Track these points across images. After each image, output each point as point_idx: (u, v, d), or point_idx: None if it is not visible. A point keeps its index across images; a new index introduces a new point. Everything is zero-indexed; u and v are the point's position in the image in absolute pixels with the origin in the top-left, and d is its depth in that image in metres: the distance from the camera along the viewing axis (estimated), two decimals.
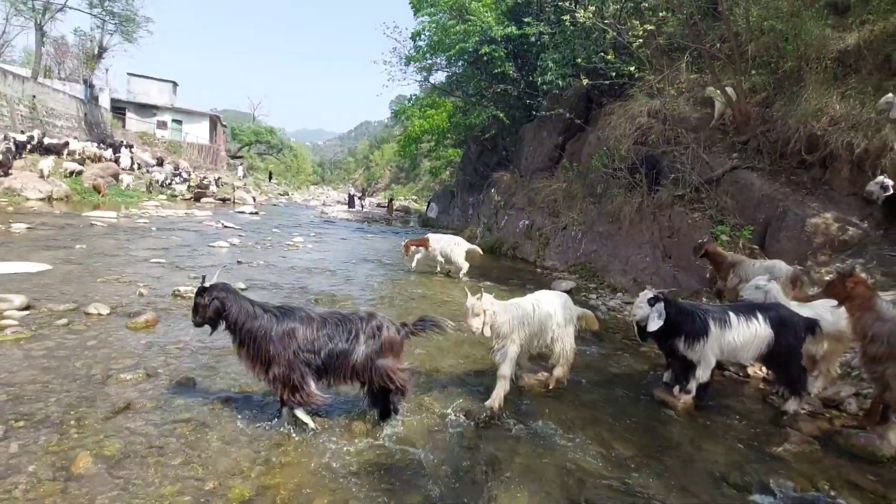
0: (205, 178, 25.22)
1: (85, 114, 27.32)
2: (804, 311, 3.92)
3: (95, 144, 21.41)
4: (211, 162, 33.81)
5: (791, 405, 3.80)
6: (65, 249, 7.75)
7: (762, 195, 7.01)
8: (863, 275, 3.84)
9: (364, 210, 30.37)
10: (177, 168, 24.41)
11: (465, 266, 8.72)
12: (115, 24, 31.48)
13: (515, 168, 15.63)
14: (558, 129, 13.49)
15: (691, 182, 7.81)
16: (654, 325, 3.65)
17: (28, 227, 9.51)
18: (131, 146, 24.14)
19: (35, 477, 2.26)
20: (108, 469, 2.37)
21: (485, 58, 15.14)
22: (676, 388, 3.94)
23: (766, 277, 4.36)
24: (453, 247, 8.81)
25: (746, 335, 3.65)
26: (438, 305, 6.52)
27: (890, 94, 6.45)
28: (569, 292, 8.26)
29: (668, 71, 9.33)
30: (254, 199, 24.99)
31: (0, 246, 7.57)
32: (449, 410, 3.42)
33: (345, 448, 2.80)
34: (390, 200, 30.85)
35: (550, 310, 3.79)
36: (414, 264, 9.10)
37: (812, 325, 3.74)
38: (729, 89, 7.87)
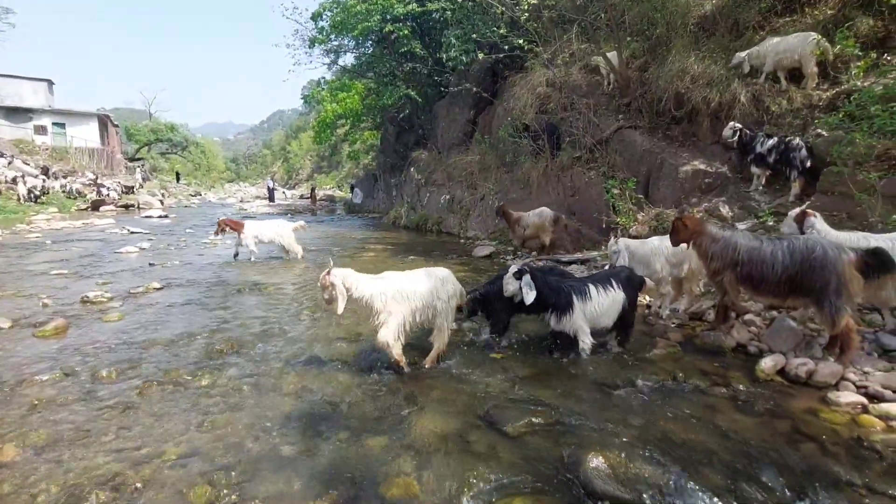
0: (99, 182, 23.15)
1: None
2: (650, 244, 4.74)
3: None
4: (106, 166, 30.89)
5: (616, 349, 4.12)
6: None
7: (643, 150, 7.90)
8: (688, 212, 4.61)
9: (286, 202, 29.45)
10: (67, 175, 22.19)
11: (299, 249, 8.46)
12: None
13: (433, 145, 16.00)
14: (469, 104, 13.98)
15: (586, 144, 8.59)
16: (530, 296, 3.77)
17: None
18: (9, 156, 21.51)
19: None
20: (36, 454, 2.46)
21: (391, 36, 15.19)
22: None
23: (613, 240, 4.93)
24: (282, 231, 8.38)
25: (606, 303, 3.89)
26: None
27: (740, 53, 7.49)
28: (488, 256, 8.88)
29: (560, 42, 10.03)
30: (161, 202, 23.35)
31: None
32: (374, 366, 3.74)
33: (276, 403, 3.05)
34: (312, 190, 30.12)
35: (431, 285, 3.70)
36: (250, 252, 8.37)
37: (643, 282, 4.20)
38: (611, 56, 8.66)
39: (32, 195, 18.54)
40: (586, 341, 3.91)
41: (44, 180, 20.18)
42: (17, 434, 2.63)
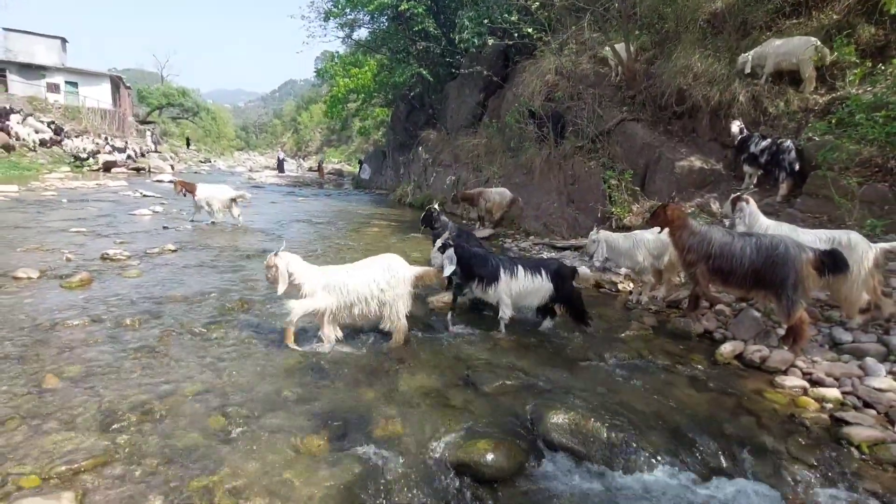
0: (113, 146, 23.46)
1: None
2: (635, 237, 5.04)
3: None
4: (117, 128, 31.15)
5: (547, 324, 4.42)
6: None
7: (643, 143, 8.12)
8: (674, 203, 4.88)
9: (294, 174, 29.70)
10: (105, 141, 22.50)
11: (236, 212, 8.83)
12: None
13: (442, 126, 16.15)
14: (479, 86, 14.08)
15: (589, 134, 8.80)
16: (449, 269, 4.02)
17: None
18: (17, 111, 21.76)
19: (11, 393, 2.72)
20: (73, 384, 2.87)
21: (406, 13, 15.20)
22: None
23: (595, 231, 5.26)
24: (217, 194, 8.85)
25: (531, 287, 4.17)
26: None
27: (745, 54, 7.63)
28: (487, 238, 9.19)
29: (572, 30, 10.13)
30: (171, 167, 23.69)
31: None
32: (370, 330, 4.11)
33: (281, 356, 3.44)
34: (320, 164, 30.32)
35: (369, 276, 3.71)
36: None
37: (575, 272, 4.39)
38: (619, 48, 8.80)
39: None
40: (507, 313, 4.19)
41: (52, 137, 20.51)
42: (56, 367, 3.04)
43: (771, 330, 4.18)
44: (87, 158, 20.02)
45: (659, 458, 2.68)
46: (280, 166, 30.02)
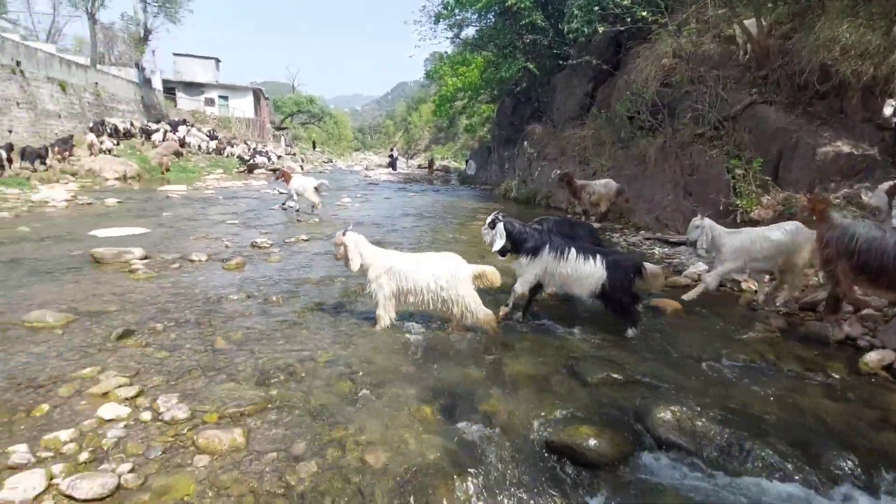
0: (256, 149, 26.85)
1: (142, 96, 29.33)
2: (754, 234, 4.59)
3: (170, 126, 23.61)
4: (258, 135, 35.56)
5: (631, 332, 4.00)
6: (154, 217, 9.20)
7: (776, 128, 7.28)
8: (823, 195, 4.35)
9: (405, 171, 31.29)
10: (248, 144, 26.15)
11: (318, 199, 9.94)
12: (158, 5, 33.03)
13: (548, 119, 15.91)
14: (588, 76, 13.63)
15: (710, 120, 8.11)
16: (499, 244, 3.98)
17: (118, 202, 11.12)
18: (191, 124, 25.98)
19: (192, 350, 3.42)
20: (236, 346, 3.51)
21: (513, 8, 15.21)
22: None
23: (699, 217, 4.79)
24: (306, 184, 10.04)
25: (581, 272, 3.91)
26: (470, 246, 7.42)
27: None
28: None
29: (692, 9, 9.36)
30: (301, 167, 26.41)
31: (105, 216, 9.11)
32: None
33: (396, 334, 3.82)
34: (430, 161, 31.54)
35: (429, 271, 3.78)
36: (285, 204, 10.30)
37: (639, 268, 4.01)
38: (749, 23, 7.95)
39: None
40: (518, 289, 4.08)
41: (217, 145, 24.13)
42: (223, 332, 3.73)
43: None
44: (249, 160, 23.27)
45: (777, 465, 2.51)
46: (393, 164, 31.83)
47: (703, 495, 2.33)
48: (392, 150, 37.99)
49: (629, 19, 9.99)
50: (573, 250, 3.95)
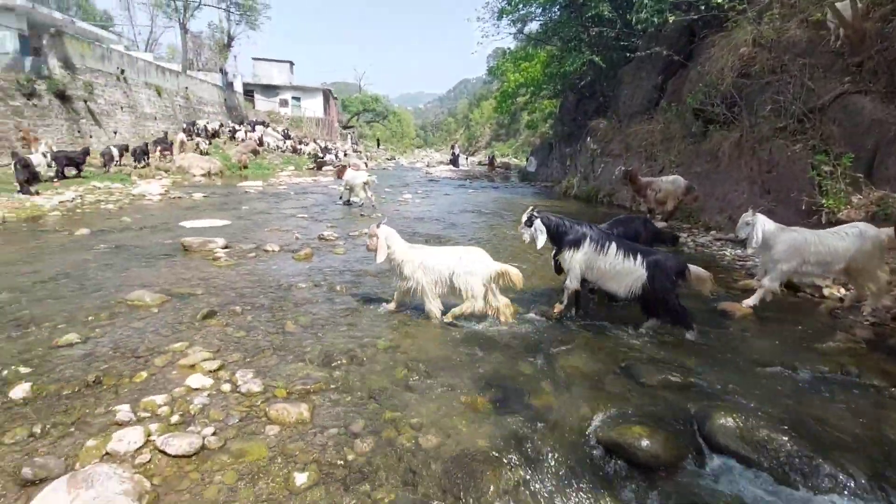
0: (326, 147, 28.16)
1: (224, 99, 31.67)
2: (811, 236, 4.23)
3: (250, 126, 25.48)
4: (326, 133, 37.20)
5: (690, 335, 3.85)
6: (234, 210, 9.97)
7: (872, 120, 6.59)
8: None
9: (466, 168, 31.44)
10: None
11: (363, 194, 10.71)
12: (240, 14, 35.44)
13: (613, 114, 15.39)
14: (657, 68, 13.04)
15: (794, 112, 7.49)
16: (542, 240, 3.97)
17: (203, 196, 12.14)
18: (267, 124, 27.80)
19: (265, 331, 3.73)
20: (303, 329, 3.78)
21: (579, 0, 14.84)
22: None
23: (750, 213, 4.47)
24: (356, 177, 10.91)
25: (619, 268, 3.81)
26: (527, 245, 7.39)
27: None
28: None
29: None
30: (366, 164, 27.34)
31: (192, 209, 10.01)
32: (530, 313, 4.36)
33: (452, 329, 3.94)
34: (491, 158, 31.48)
35: (449, 263, 3.93)
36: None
37: (682, 270, 3.81)
38: (842, 6, 7.25)
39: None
40: (569, 284, 4.01)
41: (292, 144, 25.62)
42: (293, 317, 4.03)
43: None
44: (323, 157, 24.57)
45: (852, 483, 2.35)
46: (455, 161, 32.09)
47: None
48: (454, 147, 38.30)
49: (703, 7, 9.43)
50: (614, 244, 3.86)
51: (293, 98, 38.05)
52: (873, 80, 6.91)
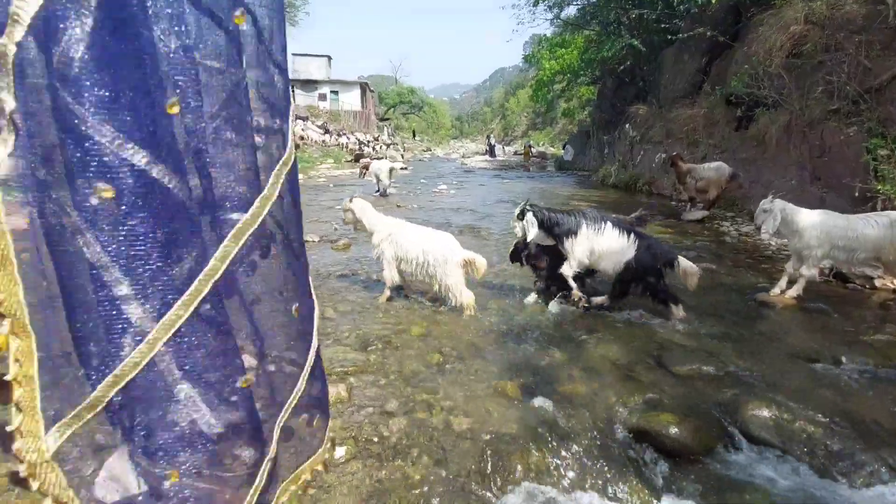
0: (363, 141, 28.66)
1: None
2: (840, 220, 4.11)
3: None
4: (364, 126, 37.74)
5: (677, 312, 3.94)
6: None
7: None
8: None
9: (502, 158, 31.23)
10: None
11: (387, 182, 11.41)
12: None
13: (653, 99, 14.90)
14: (701, 50, 12.50)
15: (849, 94, 7.06)
16: (532, 232, 4.01)
17: None
18: (307, 118, 28.50)
19: None
20: (342, 316, 3.97)
21: None
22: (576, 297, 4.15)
23: (769, 199, 4.34)
24: (381, 166, 11.47)
25: (614, 247, 3.89)
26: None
27: None
28: (700, 221, 8.35)
29: None
30: (402, 156, 27.65)
31: None
32: (561, 301, 4.37)
33: (483, 316, 4.03)
34: (527, 147, 31.12)
35: (420, 245, 4.04)
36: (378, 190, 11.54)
37: (672, 259, 3.91)
38: None
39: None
40: (567, 271, 4.02)
41: (333, 139, 26.19)
42: (332, 304, 4.23)
43: None
44: (361, 150, 25.11)
45: (889, 475, 2.29)
46: (491, 151, 31.91)
47: (794, 496, 2.23)
48: (489, 137, 38.04)
49: None
50: (609, 223, 3.97)
51: (331, 92, 38.70)
52: None
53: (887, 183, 5.98)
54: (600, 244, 3.95)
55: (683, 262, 3.92)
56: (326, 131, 27.88)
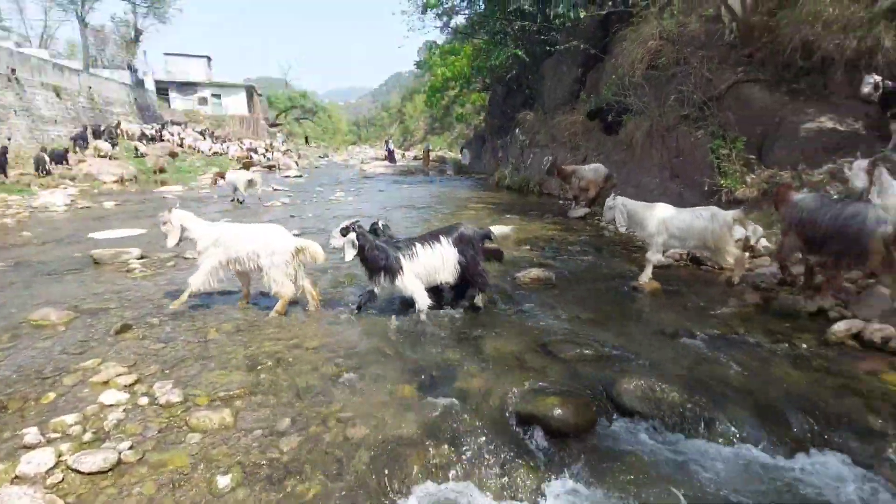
0: (249, 147, 26.95)
1: (135, 98, 29.35)
2: (674, 212, 4.80)
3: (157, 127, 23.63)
4: (252, 132, 35.55)
5: (479, 300, 4.22)
6: (151, 218, 9.33)
7: (760, 107, 7.36)
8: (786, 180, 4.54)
9: (402, 164, 31.29)
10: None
11: (245, 193, 11.34)
12: (147, 5, 32.92)
13: (539, 106, 15.94)
14: (576, 62, 13.65)
15: (695, 101, 8.18)
16: (349, 255, 3.82)
17: (116, 204, 11.30)
18: (181, 123, 26.09)
19: (185, 341, 3.59)
20: (228, 337, 3.68)
21: None
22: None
23: (612, 197, 5.05)
24: (238, 177, 11.50)
25: (436, 260, 3.98)
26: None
27: None
28: (583, 218, 9.08)
29: None
30: (296, 163, 26.50)
31: (101, 219, 9.29)
32: (459, 303, 4.48)
33: (382, 321, 3.98)
34: (426, 152, 31.53)
35: (250, 240, 4.07)
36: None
37: (486, 234, 4.23)
38: (733, 1, 7.99)
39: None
40: (422, 304, 3.92)
41: (212, 145, 24.17)
42: (216, 325, 3.90)
43: None
44: (250, 157, 23.43)
45: (740, 430, 2.65)
46: (391, 156, 31.80)
47: (662, 459, 2.49)
48: (387, 142, 37.94)
49: (611, 2, 10.01)
50: (417, 245, 3.97)
51: (213, 95, 35.93)
52: (762, 70, 7.69)
53: (728, 178, 7.02)
54: (422, 266, 3.94)
55: (497, 229, 4.30)
56: (212, 137, 25.83)
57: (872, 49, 6.33)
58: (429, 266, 3.97)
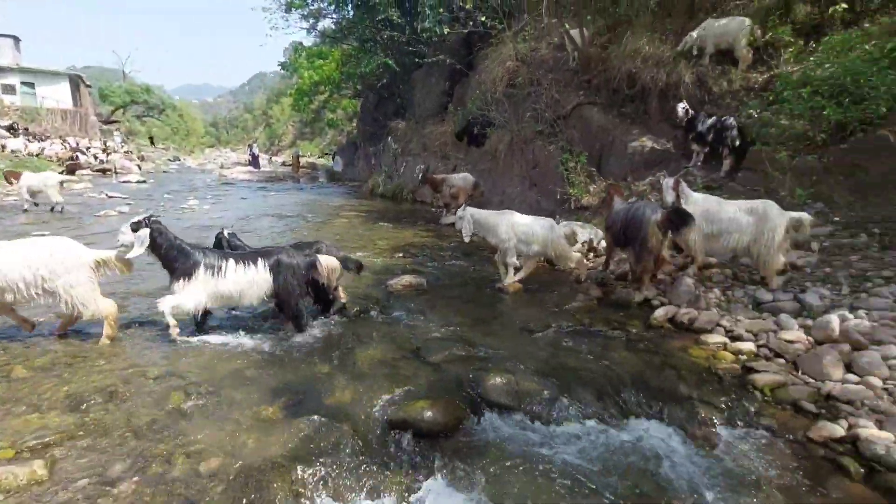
0: (75, 146, 22.92)
1: None
2: (521, 219, 5.25)
3: None
4: (79, 129, 30.23)
5: (299, 338, 3.77)
6: None
7: (598, 126, 8.45)
8: (611, 185, 5.38)
9: (269, 170, 29.33)
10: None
11: (61, 199, 9.87)
12: None
13: (411, 115, 16.23)
14: (444, 75, 14.20)
15: (547, 119, 9.08)
16: (136, 252, 3.47)
17: None
18: None
19: None
20: (41, 373, 3.04)
21: (370, 1, 15.16)
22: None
23: (462, 208, 5.31)
24: (45, 181, 9.78)
25: (243, 282, 3.65)
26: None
27: (690, 34, 7.95)
28: (453, 225, 9.43)
29: (526, 18, 10.34)
30: (138, 167, 23.23)
31: None
32: (331, 315, 4.32)
33: (243, 343, 3.65)
34: (295, 158, 30.01)
35: (25, 262, 3.28)
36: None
37: (312, 263, 3.86)
38: (575, 33, 9.06)
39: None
40: (169, 318, 3.54)
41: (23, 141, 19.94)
42: (23, 360, 3.20)
43: (702, 295, 4.54)
44: (76, 158, 19.61)
45: (586, 409, 2.99)
46: (255, 161, 29.55)
47: (524, 445, 2.68)
48: (251, 145, 35.31)
49: (471, 23, 10.67)
50: (230, 261, 3.65)
51: (23, 83, 29.73)
52: (597, 94, 8.82)
53: (575, 187, 7.90)
54: (224, 286, 3.60)
55: (325, 260, 3.92)
56: (27, 135, 21.43)
57: (677, 82, 7.68)
58: (234, 287, 3.59)
